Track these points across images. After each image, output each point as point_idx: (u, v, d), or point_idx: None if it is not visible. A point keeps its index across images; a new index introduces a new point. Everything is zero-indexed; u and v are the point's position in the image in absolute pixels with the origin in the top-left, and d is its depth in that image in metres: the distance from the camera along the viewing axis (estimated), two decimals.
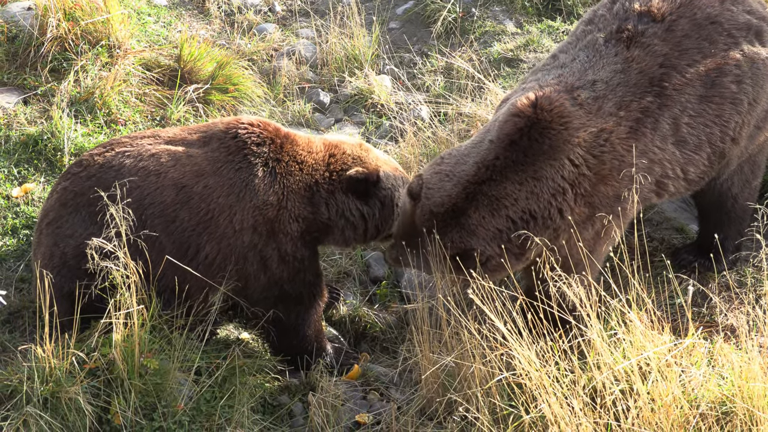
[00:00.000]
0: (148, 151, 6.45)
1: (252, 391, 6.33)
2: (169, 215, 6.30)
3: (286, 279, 6.51)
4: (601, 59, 6.15)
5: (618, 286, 5.75)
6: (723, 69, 6.14)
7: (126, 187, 6.20)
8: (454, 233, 5.95)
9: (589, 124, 5.90)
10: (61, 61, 8.60)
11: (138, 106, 8.62)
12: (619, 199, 5.99)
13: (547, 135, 5.85)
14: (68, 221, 6.26)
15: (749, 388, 5.13)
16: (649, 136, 5.99)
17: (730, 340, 6.05)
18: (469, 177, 5.94)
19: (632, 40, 6.13)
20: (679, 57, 6.09)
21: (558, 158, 5.85)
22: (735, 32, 6.20)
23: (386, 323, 7.21)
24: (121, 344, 5.84)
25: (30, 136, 7.88)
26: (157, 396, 5.90)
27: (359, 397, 6.57)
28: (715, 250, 6.55)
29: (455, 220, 5.94)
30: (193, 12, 11.21)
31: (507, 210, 5.90)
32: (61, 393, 5.66)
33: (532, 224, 5.92)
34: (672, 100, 6.03)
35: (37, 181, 7.61)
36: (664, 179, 6.16)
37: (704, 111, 6.12)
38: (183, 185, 6.35)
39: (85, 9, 8.67)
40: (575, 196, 5.90)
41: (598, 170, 5.90)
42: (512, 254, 5.95)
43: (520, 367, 5.34)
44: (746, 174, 6.69)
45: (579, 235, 5.94)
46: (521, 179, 5.87)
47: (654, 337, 5.47)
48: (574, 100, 5.95)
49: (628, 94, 6.00)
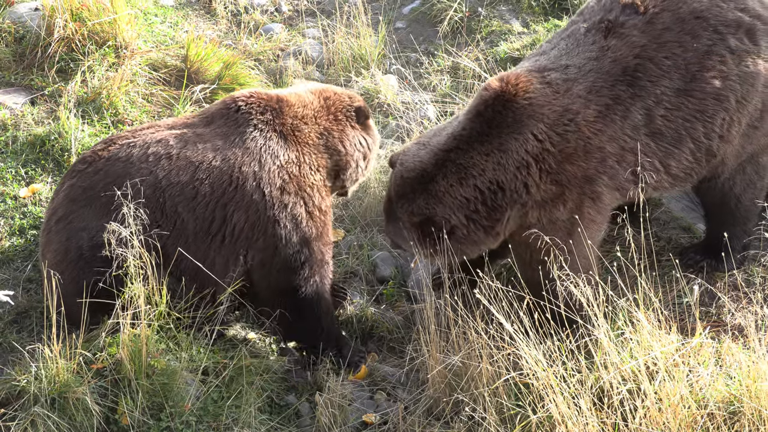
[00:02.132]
0: (154, 138, 6.54)
1: (259, 391, 6.34)
2: (189, 193, 6.38)
3: (315, 236, 6.68)
4: (578, 47, 6.30)
5: (625, 286, 5.75)
6: (705, 64, 6.14)
7: (140, 174, 6.32)
8: (420, 199, 6.19)
9: (554, 102, 6.08)
10: (68, 61, 8.61)
11: (145, 106, 8.63)
12: (589, 181, 6.11)
13: (510, 108, 6.06)
14: (80, 216, 6.28)
15: (757, 387, 5.12)
16: (618, 123, 6.09)
17: (738, 340, 6.03)
18: (440, 146, 6.19)
19: (610, 30, 6.24)
20: (657, 49, 6.15)
21: (521, 132, 6.05)
22: (722, 28, 6.19)
23: (393, 323, 7.20)
24: (129, 344, 5.85)
25: (37, 136, 7.89)
26: (165, 396, 5.90)
27: (366, 397, 6.57)
28: (723, 249, 6.53)
29: (423, 186, 6.18)
30: (200, 12, 11.22)
31: (475, 179, 6.11)
32: (68, 393, 5.67)
33: (500, 195, 6.12)
34: (645, 90, 6.11)
35: (45, 182, 7.62)
36: (641, 171, 6.21)
37: (683, 105, 6.14)
38: (199, 162, 6.45)
39: (92, 9, 8.68)
40: (540, 172, 6.06)
41: (562, 148, 6.04)
42: (479, 226, 6.19)
43: (527, 366, 5.34)
44: (749, 174, 6.64)
45: (550, 215, 6.10)
46: (488, 150, 6.09)
47: (661, 337, 5.47)
48: (542, 78, 6.16)
49: (600, 81, 6.13)
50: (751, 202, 6.73)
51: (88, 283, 6.13)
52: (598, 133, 6.07)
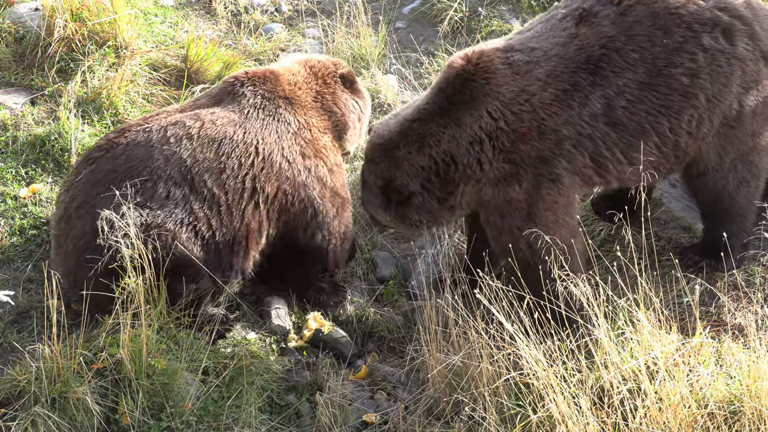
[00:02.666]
0: (169, 122, 6.71)
1: (259, 391, 6.34)
2: (217, 168, 6.60)
3: (340, 185, 7.25)
4: (550, 31, 6.43)
5: (625, 285, 5.75)
6: (673, 60, 6.16)
7: (164, 155, 6.49)
8: (384, 164, 6.51)
9: (512, 83, 6.26)
10: (68, 61, 8.61)
11: (145, 106, 8.63)
12: (545, 162, 6.23)
13: (468, 86, 6.30)
14: (104, 200, 6.31)
15: (757, 387, 5.12)
16: (576, 108, 6.19)
17: (738, 340, 6.03)
18: (407, 116, 6.48)
19: (583, 18, 6.33)
20: (624, 41, 6.20)
21: (477, 108, 6.26)
22: (696, 26, 6.19)
23: (393, 323, 7.21)
24: (129, 344, 5.85)
25: (37, 136, 7.89)
26: (165, 396, 5.91)
27: (366, 396, 6.57)
28: (722, 249, 6.53)
29: (388, 152, 6.50)
30: (200, 12, 11.21)
31: (431, 149, 6.38)
32: (69, 393, 5.67)
33: (452, 168, 6.38)
34: (607, 80, 6.18)
35: (45, 182, 7.62)
36: (601, 159, 6.29)
37: (646, 98, 6.19)
38: (222, 137, 6.70)
39: (92, 10, 8.68)
40: (493, 149, 6.26)
41: (516, 127, 6.22)
42: (433, 195, 6.48)
43: (528, 366, 5.34)
44: (741, 172, 6.62)
45: (506, 194, 6.29)
46: (445, 123, 6.34)
47: (661, 337, 5.47)
48: (505, 59, 6.34)
49: (561, 66, 6.25)
50: (747, 200, 6.71)
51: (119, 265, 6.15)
52: (554, 115, 6.20)
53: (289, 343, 6.98)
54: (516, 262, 6.17)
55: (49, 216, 7.22)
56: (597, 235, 7.33)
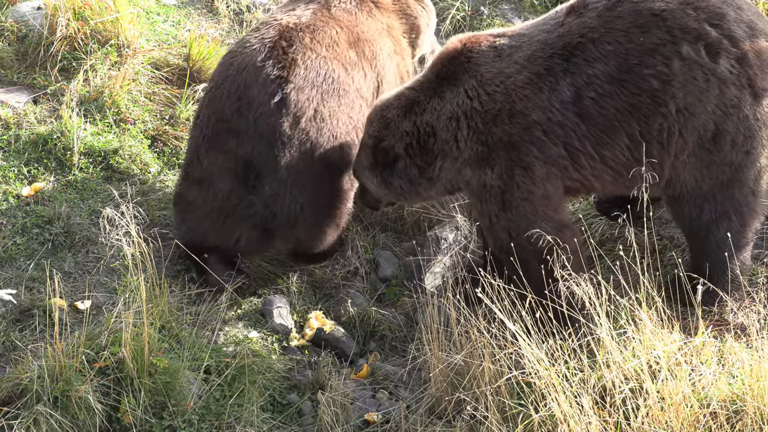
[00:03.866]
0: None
1: (261, 390, 6.34)
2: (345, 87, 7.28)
3: None
4: (543, 19, 6.57)
5: (627, 285, 5.75)
6: (646, 61, 6.13)
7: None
8: (377, 123, 6.70)
9: (492, 64, 6.39)
10: (70, 60, 8.61)
11: (147, 105, 8.62)
12: (515, 148, 6.28)
13: (452, 63, 6.48)
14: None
15: (760, 386, 5.12)
16: (546, 93, 6.25)
17: (740, 339, 6.03)
18: (407, 84, 6.77)
19: (574, 9, 6.39)
20: (603, 33, 6.21)
21: (456, 85, 6.44)
22: (677, 33, 6.12)
23: (395, 322, 7.21)
24: (131, 343, 5.85)
25: (40, 135, 7.89)
26: (167, 394, 5.91)
27: (368, 395, 6.57)
28: (708, 280, 6.27)
29: (382, 113, 6.69)
30: (202, 11, 11.20)
31: (415, 116, 6.56)
32: (71, 392, 5.67)
33: (432, 140, 6.54)
34: (578, 68, 6.22)
35: (47, 181, 7.62)
36: (574, 150, 6.28)
37: (615, 94, 6.17)
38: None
39: (94, 8, 8.68)
40: (468, 129, 6.38)
41: (489, 108, 6.31)
42: (414, 163, 6.64)
43: (530, 365, 5.34)
44: (722, 205, 6.42)
45: (480, 177, 6.38)
46: (430, 94, 6.54)
47: (663, 336, 5.46)
48: (493, 42, 6.49)
49: (539, 51, 6.33)
50: (728, 237, 6.29)
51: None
52: (524, 99, 6.25)
53: (291, 342, 6.98)
54: (495, 249, 6.34)
55: (51, 215, 7.22)
56: (599, 234, 7.32)
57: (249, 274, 7.41)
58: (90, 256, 7.07)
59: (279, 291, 7.42)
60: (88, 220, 7.31)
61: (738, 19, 6.20)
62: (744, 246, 6.58)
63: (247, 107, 6.89)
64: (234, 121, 6.91)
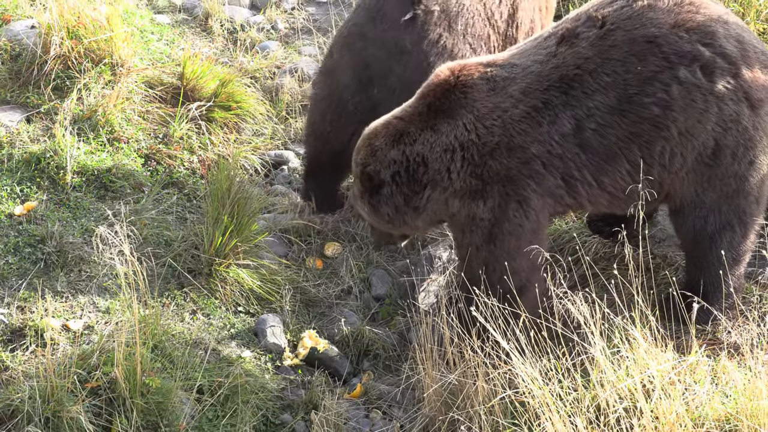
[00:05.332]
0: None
1: (254, 410, 6.33)
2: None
3: None
4: (533, 49, 6.47)
5: (622, 303, 5.75)
6: (645, 89, 6.10)
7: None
8: (364, 151, 6.62)
9: (488, 98, 6.31)
10: (64, 79, 8.61)
11: (141, 123, 8.62)
12: (512, 182, 6.24)
13: (448, 96, 6.39)
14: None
15: (753, 406, 5.11)
16: (545, 127, 6.20)
17: (733, 358, 6.02)
18: (394, 113, 6.64)
19: (564, 39, 6.33)
20: (600, 64, 6.17)
21: (454, 119, 6.35)
22: (673, 58, 6.11)
23: (389, 341, 7.20)
24: (123, 363, 5.83)
25: (33, 154, 7.88)
26: (159, 415, 5.89)
27: (362, 415, 6.56)
28: (703, 297, 6.33)
29: (369, 141, 6.62)
30: (196, 30, 11.23)
31: (404, 146, 6.48)
32: (62, 412, 5.65)
33: (422, 170, 6.47)
34: (578, 101, 6.17)
35: (40, 200, 7.61)
36: (572, 180, 6.26)
37: (616, 123, 6.15)
38: None
39: (88, 27, 8.68)
40: (463, 161, 6.32)
41: (486, 141, 6.25)
42: (401, 191, 6.57)
43: (523, 385, 5.33)
44: (726, 215, 6.44)
45: (470, 209, 6.35)
46: (422, 126, 6.45)
47: (657, 355, 5.45)
48: (485, 73, 6.41)
49: (535, 83, 6.26)
50: (730, 247, 6.43)
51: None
52: (522, 133, 6.20)
53: (285, 362, 6.96)
54: (465, 277, 6.30)
55: (44, 234, 7.21)
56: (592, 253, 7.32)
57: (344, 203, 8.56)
58: (83, 275, 7.05)
59: (272, 310, 7.41)
60: (81, 239, 7.29)
61: (727, 35, 6.22)
62: (741, 258, 6.59)
63: (381, 18, 7.68)
64: (367, 27, 7.76)
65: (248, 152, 9.11)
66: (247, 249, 7.51)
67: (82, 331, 6.49)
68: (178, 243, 7.47)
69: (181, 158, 8.58)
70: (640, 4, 6.25)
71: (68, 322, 6.60)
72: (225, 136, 9.12)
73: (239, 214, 7.38)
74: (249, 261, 7.50)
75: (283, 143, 9.60)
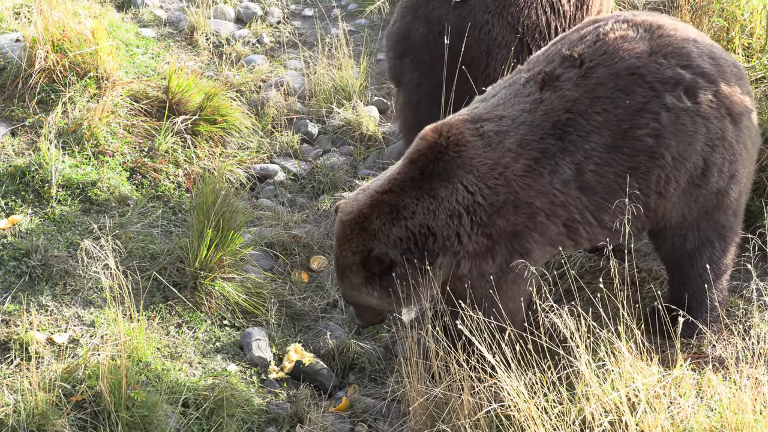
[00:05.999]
0: None
1: (239, 424, 6.31)
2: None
3: None
4: (515, 97, 6.30)
5: (607, 317, 5.76)
6: (637, 122, 6.07)
7: None
8: (358, 238, 6.27)
9: (485, 155, 6.13)
10: (49, 92, 8.60)
11: (126, 137, 8.62)
12: (518, 237, 6.16)
13: (441, 158, 6.16)
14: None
15: (738, 419, 5.12)
16: (547, 177, 6.08)
17: (719, 372, 6.04)
18: (377, 188, 6.30)
19: (546, 83, 6.23)
20: (588, 104, 6.10)
21: (452, 182, 6.13)
22: (658, 86, 6.10)
23: (375, 354, 7.20)
24: (108, 376, 5.82)
25: (17, 167, 7.86)
26: (144, 428, 5.88)
27: (347, 429, 6.56)
28: (687, 311, 6.31)
29: (360, 226, 6.26)
30: (182, 44, 11.24)
31: (405, 221, 6.18)
32: (47, 426, 5.63)
33: (431, 241, 6.18)
34: (575, 145, 6.08)
35: (25, 213, 7.59)
36: (573, 223, 6.21)
37: (614, 161, 6.10)
38: None
39: (73, 41, 8.67)
40: (471, 224, 6.13)
41: (492, 201, 6.09)
42: (413, 266, 6.20)
43: (509, 398, 5.33)
44: (705, 232, 6.48)
45: (480, 268, 6.18)
46: (418, 195, 6.17)
47: (643, 368, 5.47)
48: (476, 130, 6.21)
49: (530, 134, 6.12)
50: (711, 263, 6.46)
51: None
52: (527, 187, 6.09)
53: (270, 375, 6.95)
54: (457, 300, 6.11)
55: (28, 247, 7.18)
56: (577, 267, 7.34)
57: None
58: (68, 288, 7.03)
59: (257, 323, 7.40)
60: (66, 252, 7.27)
61: (701, 53, 6.25)
62: (723, 273, 6.61)
63: None
64: (422, 5, 8.04)
65: (234, 166, 9.11)
66: (232, 262, 7.51)
67: (67, 344, 6.46)
68: (163, 256, 7.46)
69: (167, 172, 8.57)
70: (612, 36, 6.23)
71: (53, 336, 6.58)
72: (210, 149, 9.12)
73: (224, 227, 7.37)
74: (234, 274, 7.49)
75: (269, 156, 9.60)
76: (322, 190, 9.19)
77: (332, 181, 9.23)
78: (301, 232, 8.42)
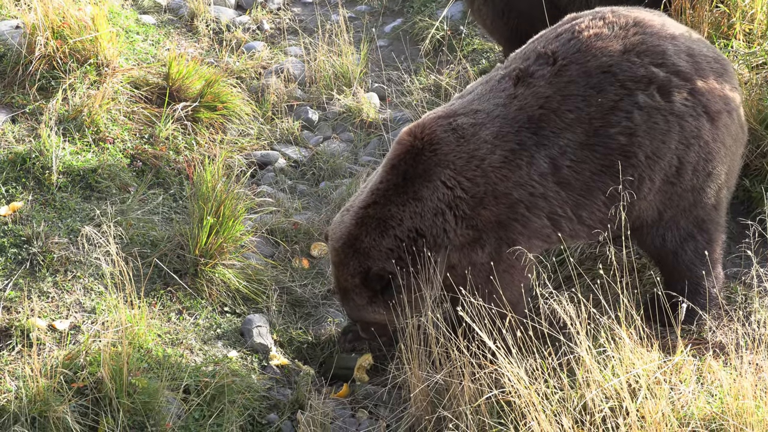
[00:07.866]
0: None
1: (241, 410, 6.32)
2: None
3: None
4: (491, 92, 6.34)
5: (607, 303, 5.77)
6: (609, 120, 6.07)
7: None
8: (353, 261, 6.29)
9: (459, 149, 6.17)
10: (49, 79, 8.59)
11: (126, 124, 8.61)
12: (503, 227, 6.18)
13: (419, 160, 6.18)
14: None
15: (738, 405, 5.13)
16: (524, 168, 6.10)
17: (719, 358, 6.05)
18: (360, 204, 6.31)
19: (520, 79, 6.25)
20: (560, 102, 6.11)
21: (432, 180, 6.16)
22: (630, 84, 6.08)
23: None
24: (110, 363, 5.83)
25: (18, 154, 7.86)
26: (146, 415, 5.88)
27: (348, 415, 6.57)
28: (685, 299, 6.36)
29: (352, 248, 6.28)
30: (182, 30, 11.23)
31: (394, 230, 6.20)
32: (49, 412, 5.64)
33: (421, 242, 6.19)
34: (549, 140, 6.10)
35: (25, 200, 7.59)
36: (555, 216, 6.23)
37: (587, 158, 6.11)
38: None
39: (73, 27, 8.66)
40: (455, 218, 6.16)
41: (473, 193, 6.13)
42: (408, 272, 6.21)
43: (510, 384, 5.34)
44: (685, 229, 6.47)
45: (470, 258, 6.21)
46: (403, 201, 6.20)
47: (643, 355, 5.48)
48: (448, 125, 6.24)
49: (506, 126, 6.15)
50: (696, 255, 6.50)
51: None
52: (504, 179, 6.12)
53: (271, 361, 6.96)
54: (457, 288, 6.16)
55: (29, 234, 7.18)
56: (578, 254, 7.34)
57: None
58: (69, 275, 7.03)
59: (258, 310, 7.41)
60: (67, 239, 7.27)
61: (677, 51, 6.21)
62: (714, 261, 6.59)
63: None
64: None
65: (234, 152, 9.11)
66: (233, 249, 7.52)
67: (68, 331, 6.48)
68: (164, 243, 7.46)
69: (167, 158, 8.57)
70: (586, 34, 6.22)
71: (54, 322, 6.59)
72: (211, 136, 9.12)
73: (225, 214, 7.38)
74: (235, 261, 7.50)
75: (269, 143, 9.59)
76: (323, 177, 9.20)
77: (333, 168, 9.24)
78: (302, 218, 8.42)
